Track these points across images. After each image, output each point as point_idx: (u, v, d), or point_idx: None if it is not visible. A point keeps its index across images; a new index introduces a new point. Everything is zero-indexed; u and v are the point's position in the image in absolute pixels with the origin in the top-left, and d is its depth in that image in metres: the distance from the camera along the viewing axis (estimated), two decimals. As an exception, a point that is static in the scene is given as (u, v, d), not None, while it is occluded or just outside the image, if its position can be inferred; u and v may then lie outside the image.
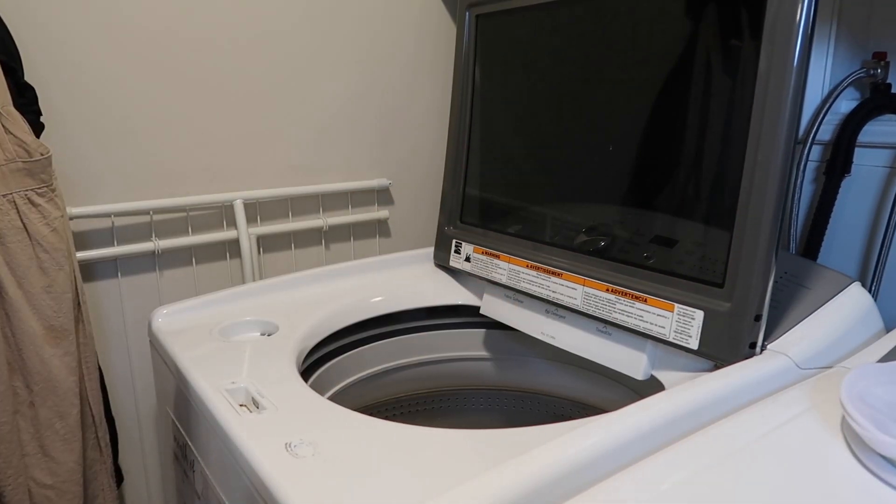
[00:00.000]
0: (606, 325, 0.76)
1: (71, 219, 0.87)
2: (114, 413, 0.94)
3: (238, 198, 0.99)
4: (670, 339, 0.69)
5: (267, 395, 0.63)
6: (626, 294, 0.74)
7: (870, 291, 0.82)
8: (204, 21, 0.93)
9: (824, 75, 0.98)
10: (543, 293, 0.84)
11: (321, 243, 1.11)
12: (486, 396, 0.99)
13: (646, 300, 0.72)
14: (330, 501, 0.48)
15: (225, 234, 1.00)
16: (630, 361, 0.74)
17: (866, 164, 0.94)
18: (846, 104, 0.96)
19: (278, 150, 1.03)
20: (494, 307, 0.92)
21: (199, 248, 1.00)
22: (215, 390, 0.64)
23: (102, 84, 0.88)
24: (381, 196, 1.16)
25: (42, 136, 0.81)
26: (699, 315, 0.67)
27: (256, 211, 1.03)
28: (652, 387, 0.70)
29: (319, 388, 0.80)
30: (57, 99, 0.85)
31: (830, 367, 0.65)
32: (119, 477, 0.93)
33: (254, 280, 1.00)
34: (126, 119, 0.91)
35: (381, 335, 0.93)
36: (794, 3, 0.59)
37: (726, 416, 0.55)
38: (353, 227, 1.14)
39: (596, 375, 0.90)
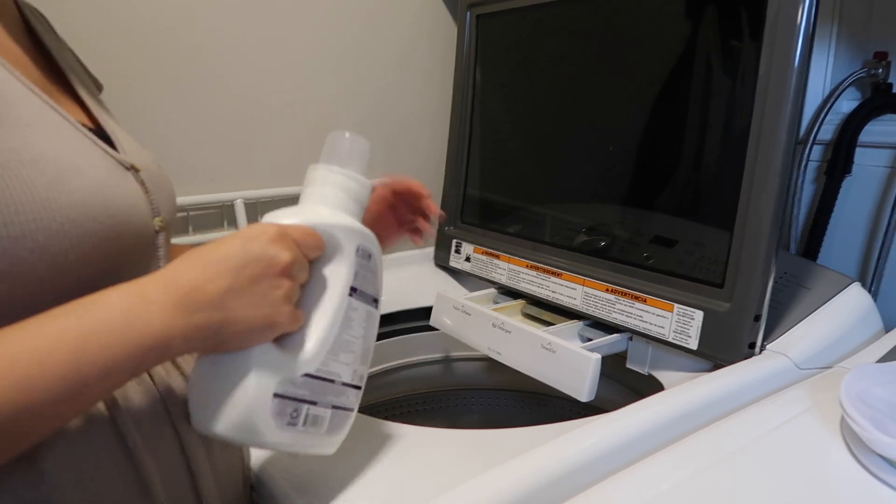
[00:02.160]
0: (551, 343, 0.71)
1: (71, 218, 0.87)
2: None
3: (238, 197, 0.99)
4: (670, 340, 0.69)
5: (267, 394, 0.63)
6: (625, 294, 0.74)
7: (869, 292, 0.82)
8: (204, 21, 0.93)
9: (825, 75, 0.98)
10: (543, 293, 0.84)
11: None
12: (486, 396, 0.99)
13: (645, 300, 0.72)
14: (329, 501, 0.48)
15: (226, 234, 1.00)
16: (573, 382, 0.69)
17: (867, 164, 0.94)
18: (847, 104, 0.96)
19: (279, 150, 1.03)
20: (442, 319, 0.88)
21: (200, 247, 1.00)
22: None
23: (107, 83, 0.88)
24: (382, 196, 1.16)
25: (42, 135, 0.81)
26: (699, 315, 0.67)
27: (257, 210, 1.03)
28: (652, 387, 0.70)
29: (319, 388, 0.80)
30: (57, 98, 0.85)
31: (830, 368, 0.65)
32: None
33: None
34: (125, 118, 0.90)
35: (381, 335, 0.92)
36: (795, 3, 0.59)
37: (726, 416, 0.55)
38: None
39: (596, 375, 0.90)
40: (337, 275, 0.43)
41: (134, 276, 0.41)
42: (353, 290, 0.44)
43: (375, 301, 0.48)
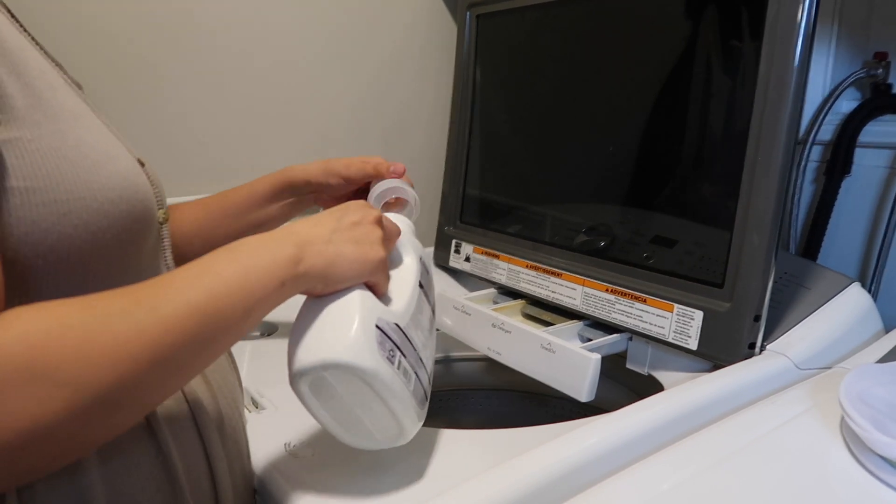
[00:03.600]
0: (551, 343, 0.71)
1: (71, 218, 0.87)
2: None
3: (238, 197, 0.99)
4: (670, 340, 0.69)
5: (267, 395, 0.64)
6: (625, 294, 0.74)
7: (869, 292, 0.82)
8: (206, 21, 0.93)
9: (825, 75, 0.98)
10: (543, 293, 0.84)
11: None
12: (486, 396, 0.99)
13: (645, 300, 0.72)
14: (329, 501, 0.48)
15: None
16: (573, 382, 0.69)
17: (866, 165, 0.94)
18: (847, 104, 0.96)
19: (279, 150, 1.03)
20: (442, 319, 0.87)
21: (200, 247, 1.00)
22: (215, 390, 0.64)
23: (99, 83, 0.88)
24: (382, 196, 1.16)
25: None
26: (699, 315, 0.67)
27: (256, 210, 1.03)
28: (652, 387, 0.70)
29: (319, 388, 0.80)
30: (57, 98, 0.84)
31: (830, 368, 0.65)
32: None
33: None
34: (125, 118, 0.91)
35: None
36: (795, 3, 0.59)
37: (726, 417, 0.55)
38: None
39: (596, 375, 0.90)
40: (408, 265, 0.52)
41: (147, 264, 0.44)
42: (420, 284, 0.52)
43: (433, 310, 0.55)
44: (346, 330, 0.42)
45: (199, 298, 0.35)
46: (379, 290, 0.47)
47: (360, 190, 0.69)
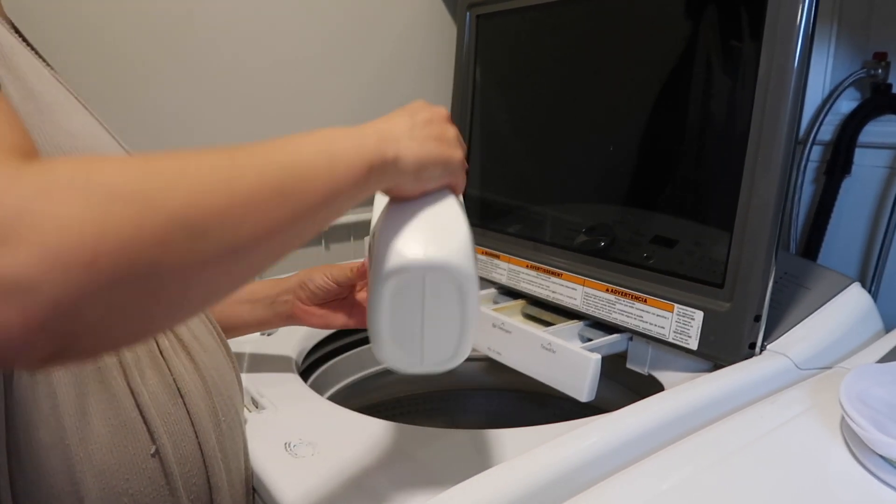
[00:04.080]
0: (551, 343, 0.71)
1: (71, 218, 0.86)
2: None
3: (238, 197, 0.99)
4: (670, 340, 0.69)
5: (266, 394, 0.64)
6: (625, 294, 0.74)
7: (869, 292, 0.82)
8: (205, 21, 0.93)
9: (825, 75, 0.98)
10: (543, 293, 0.84)
11: (321, 243, 1.11)
12: (486, 396, 0.99)
13: (645, 300, 0.72)
14: (329, 501, 0.48)
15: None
16: (573, 382, 0.69)
17: (866, 165, 0.94)
18: (846, 104, 0.96)
19: (278, 150, 1.03)
20: None
21: (200, 247, 1.00)
22: (215, 390, 0.64)
23: (98, 83, 0.88)
24: (382, 196, 1.16)
25: (42, 135, 0.81)
26: (699, 315, 0.67)
27: (256, 210, 1.03)
28: (652, 387, 0.70)
29: (319, 388, 0.80)
30: (57, 98, 0.84)
31: (830, 368, 0.65)
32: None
33: (254, 280, 1.00)
34: (125, 118, 0.91)
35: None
36: (795, 3, 0.59)
37: (726, 417, 0.55)
38: (353, 227, 1.14)
39: (596, 375, 0.90)
40: None
41: None
42: None
43: None
44: (457, 235, 0.41)
45: (280, 157, 0.33)
46: (457, 192, 0.46)
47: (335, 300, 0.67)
